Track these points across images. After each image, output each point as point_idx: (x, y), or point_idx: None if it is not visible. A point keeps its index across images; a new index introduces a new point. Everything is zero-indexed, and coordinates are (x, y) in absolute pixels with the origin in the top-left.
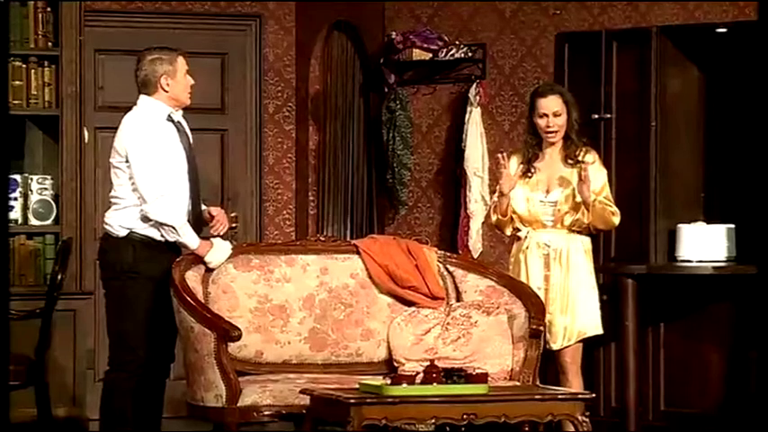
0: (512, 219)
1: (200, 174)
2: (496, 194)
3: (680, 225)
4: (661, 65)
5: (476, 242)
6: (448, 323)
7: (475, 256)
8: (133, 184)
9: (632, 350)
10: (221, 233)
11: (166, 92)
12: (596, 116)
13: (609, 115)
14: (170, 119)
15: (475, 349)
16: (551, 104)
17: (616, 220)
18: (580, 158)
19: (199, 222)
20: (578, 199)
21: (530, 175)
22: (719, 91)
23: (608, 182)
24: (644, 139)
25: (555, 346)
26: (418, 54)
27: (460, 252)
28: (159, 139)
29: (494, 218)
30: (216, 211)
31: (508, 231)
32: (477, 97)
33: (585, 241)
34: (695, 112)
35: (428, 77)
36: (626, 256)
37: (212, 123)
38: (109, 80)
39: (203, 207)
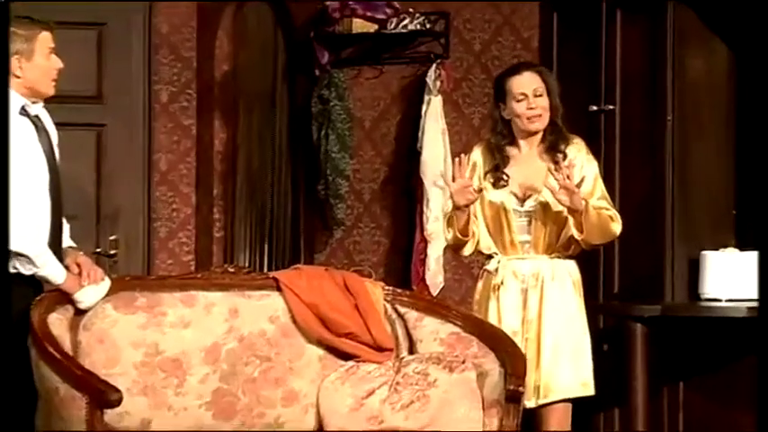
0: (473, 234)
1: (67, 183)
2: (450, 206)
3: (704, 252)
4: (679, 41)
5: (435, 274)
6: (398, 382)
7: (434, 293)
8: None
9: (642, 415)
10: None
11: (19, 78)
12: (595, 107)
13: (611, 106)
14: (24, 112)
15: (434, 416)
16: (530, 82)
17: (616, 228)
18: (564, 149)
19: (60, 252)
20: (559, 207)
21: (502, 184)
22: (754, 74)
23: (606, 188)
24: (657, 138)
25: (529, 404)
26: (360, 25)
27: (415, 288)
28: (9, 140)
29: (449, 235)
30: (81, 259)
31: (468, 251)
32: (438, 82)
33: (573, 269)
34: (723, 103)
35: (373, 56)
36: (634, 293)
37: (86, 116)
38: None
39: (70, 243)
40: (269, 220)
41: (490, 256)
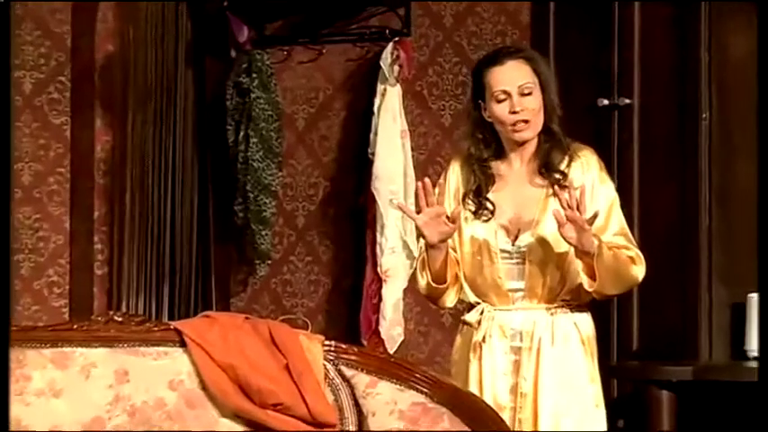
0: (456, 279)
1: None
2: (422, 244)
3: (751, 295)
4: (717, 17)
5: (393, 324)
6: None
7: (391, 350)
8: None
9: None
10: None
11: None
12: (606, 102)
13: (628, 100)
14: None
15: None
16: (515, 76)
17: (639, 272)
18: (564, 167)
19: None
20: (564, 247)
21: (486, 215)
22: None
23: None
24: (688, 142)
25: None
26: None
27: (366, 343)
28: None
29: (422, 282)
30: None
31: (450, 302)
32: (396, 68)
33: (583, 322)
34: None
35: (308, 33)
36: (659, 350)
37: None
38: None
39: None
40: (169, 252)
41: (472, 304)
